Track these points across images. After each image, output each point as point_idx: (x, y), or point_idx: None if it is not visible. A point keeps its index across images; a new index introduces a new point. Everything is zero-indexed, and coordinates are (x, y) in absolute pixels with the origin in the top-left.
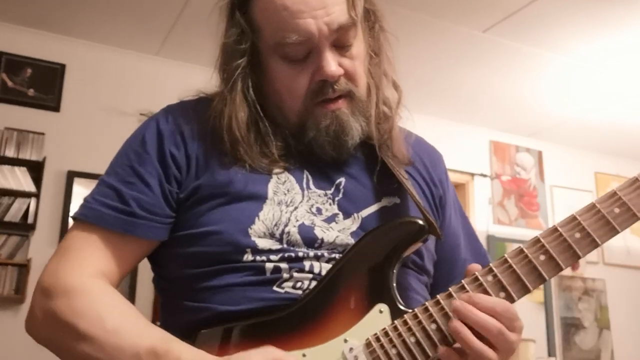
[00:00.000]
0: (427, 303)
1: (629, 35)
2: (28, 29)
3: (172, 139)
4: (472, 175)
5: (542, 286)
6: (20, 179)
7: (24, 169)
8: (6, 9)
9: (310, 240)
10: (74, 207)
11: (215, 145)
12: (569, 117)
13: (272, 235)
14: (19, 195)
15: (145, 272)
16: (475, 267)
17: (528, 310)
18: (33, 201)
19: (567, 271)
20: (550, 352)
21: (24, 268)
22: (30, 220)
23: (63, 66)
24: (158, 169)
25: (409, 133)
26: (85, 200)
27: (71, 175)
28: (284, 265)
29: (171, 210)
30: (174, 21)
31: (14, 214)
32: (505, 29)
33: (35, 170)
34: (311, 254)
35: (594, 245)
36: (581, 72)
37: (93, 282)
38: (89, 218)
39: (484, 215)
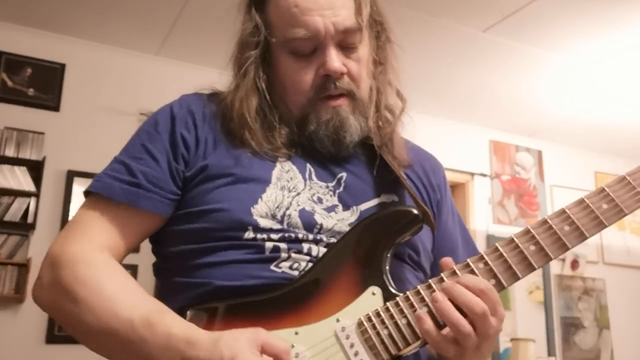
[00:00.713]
0: (419, 287)
1: (628, 34)
2: (28, 28)
3: (184, 122)
4: (472, 174)
5: (542, 286)
6: (20, 179)
7: (23, 168)
8: (6, 9)
9: (309, 224)
10: (74, 207)
11: (224, 129)
12: (569, 117)
13: (273, 217)
14: (19, 194)
15: (146, 271)
16: (448, 261)
17: (528, 309)
18: (33, 201)
19: (567, 271)
20: (550, 351)
21: (23, 267)
22: (30, 219)
23: (63, 66)
24: (167, 147)
25: (408, 141)
26: (97, 175)
27: (71, 175)
28: (283, 246)
29: (176, 187)
30: (174, 21)
31: (13, 214)
32: (505, 28)
33: (35, 169)
34: (310, 237)
35: (582, 238)
36: (581, 72)
37: (96, 253)
38: (97, 189)
39: (484, 215)
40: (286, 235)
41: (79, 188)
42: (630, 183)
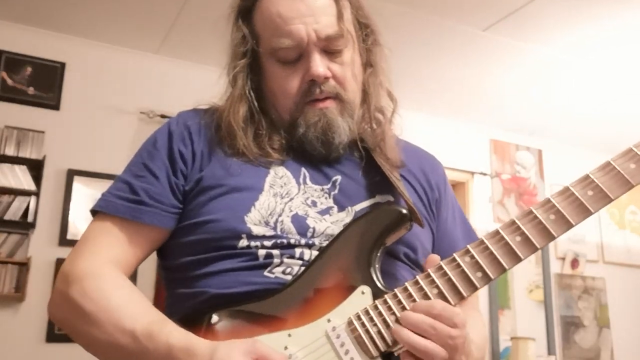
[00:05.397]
0: (406, 283)
1: (629, 31)
2: (28, 27)
3: (181, 138)
4: (472, 173)
5: (542, 284)
6: (20, 178)
7: (24, 167)
8: (6, 7)
9: (302, 229)
10: (74, 206)
11: (217, 139)
12: (569, 115)
13: (266, 224)
14: (19, 193)
15: (146, 272)
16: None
17: (528, 308)
18: (33, 199)
19: (567, 270)
20: (550, 350)
21: (23, 266)
22: (30, 218)
23: (63, 64)
24: (166, 164)
25: (404, 141)
26: (102, 194)
27: (71, 174)
28: (276, 252)
29: (177, 201)
30: (174, 19)
31: (14, 213)
32: (506, 27)
33: (35, 168)
34: (303, 241)
35: (568, 226)
36: (582, 70)
37: (104, 267)
38: (103, 208)
39: (484, 214)
40: (279, 241)
41: (79, 187)
42: (615, 168)
